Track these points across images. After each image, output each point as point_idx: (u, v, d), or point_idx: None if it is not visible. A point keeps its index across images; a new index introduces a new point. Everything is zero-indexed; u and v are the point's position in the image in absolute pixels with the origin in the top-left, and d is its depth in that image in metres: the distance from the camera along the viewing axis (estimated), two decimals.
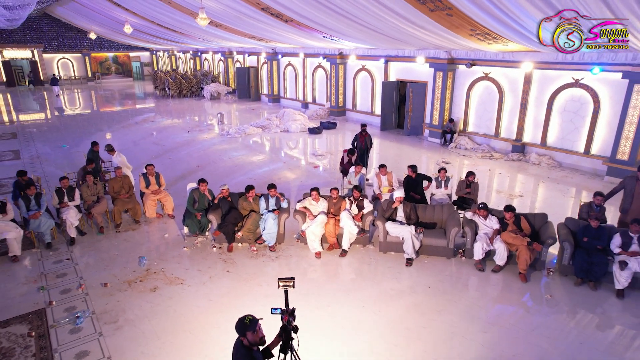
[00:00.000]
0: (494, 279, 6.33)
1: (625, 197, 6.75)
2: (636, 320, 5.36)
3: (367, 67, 17.94)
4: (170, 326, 5.19)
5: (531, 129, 12.55)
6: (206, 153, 13.91)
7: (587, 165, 11.32)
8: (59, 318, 5.30)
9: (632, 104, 9.81)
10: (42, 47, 35.59)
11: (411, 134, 16.01)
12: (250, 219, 7.01)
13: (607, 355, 4.74)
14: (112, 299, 5.75)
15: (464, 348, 4.84)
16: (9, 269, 6.48)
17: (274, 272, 6.46)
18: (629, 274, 5.64)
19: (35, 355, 4.63)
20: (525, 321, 5.34)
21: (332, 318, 5.35)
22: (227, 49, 27.63)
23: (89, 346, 4.83)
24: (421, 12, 9.26)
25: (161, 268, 6.53)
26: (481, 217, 6.69)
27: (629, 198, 6.65)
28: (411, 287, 6.11)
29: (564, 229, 6.44)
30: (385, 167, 8.47)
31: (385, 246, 6.91)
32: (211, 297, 5.81)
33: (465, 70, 13.81)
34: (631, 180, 6.70)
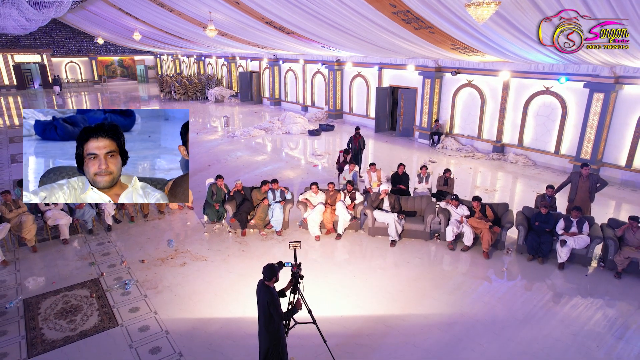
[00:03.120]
0: (462, 257, 7.68)
1: (571, 189, 8.11)
2: (571, 285, 6.72)
3: (362, 73, 19.30)
4: (199, 290, 6.53)
5: (509, 131, 13.92)
6: (214, 153, 15.23)
7: (557, 164, 12.70)
8: (111, 285, 6.63)
9: (592, 109, 11.18)
10: (51, 51, 36.89)
11: (403, 135, 17.37)
12: (260, 209, 8.35)
13: (542, 310, 6.08)
14: (150, 271, 7.09)
15: (432, 306, 6.18)
16: (62, 249, 7.82)
17: (280, 252, 7.80)
18: (568, 250, 7.00)
19: (99, 310, 5.97)
20: (484, 288, 6.69)
21: (329, 285, 6.68)
22: (231, 54, 28.96)
23: (138, 304, 6.16)
24: (407, 30, 10.61)
25: (187, 248, 7.87)
26: (453, 206, 8.03)
27: (574, 190, 8.01)
28: (394, 262, 7.46)
29: (521, 215, 7.80)
30: (375, 165, 9.83)
31: (373, 231, 8.26)
32: (230, 270, 7.15)
33: (450, 77, 15.18)
34: (576, 175, 8.06)
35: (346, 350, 5.20)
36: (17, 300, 6.16)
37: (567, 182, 8.24)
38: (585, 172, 7.89)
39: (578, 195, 7.91)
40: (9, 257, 7.46)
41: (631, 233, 6.85)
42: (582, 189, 7.96)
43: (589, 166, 7.98)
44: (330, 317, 5.80)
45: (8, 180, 11.77)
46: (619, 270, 6.85)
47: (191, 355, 5.12)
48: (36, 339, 5.38)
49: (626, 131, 11.07)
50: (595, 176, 8.00)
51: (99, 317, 5.83)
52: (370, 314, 5.98)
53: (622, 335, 5.52)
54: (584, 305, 6.18)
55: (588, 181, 7.89)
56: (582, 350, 5.24)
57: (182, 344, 5.33)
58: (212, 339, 5.43)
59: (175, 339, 5.42)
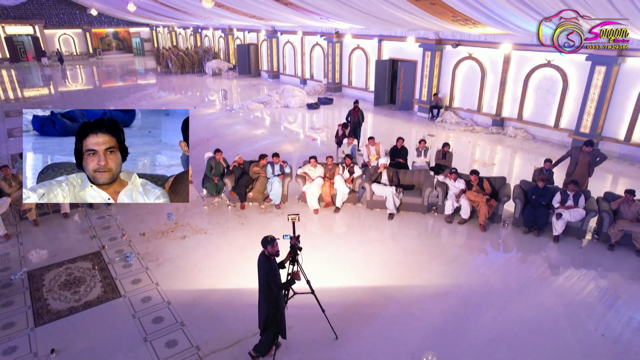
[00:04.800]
0: (459, 229, 7.79)
1: (570, 163, 8.14)
2: (565, 258, 6.85)
3: (362, 45, 18.99)
4: (200, 262, 6.64)
5: (509, 105, 13.83)
6: (213, 126, 15.15)
7: (556, 138, 12.68)
8: (113, 257, 6.74)
9: (594, 82, 11.08)
10: (43, 23, 36.12)
11: (402, 109, 17.26)
12: (259, 182, 8.39)
13: (536, 281, 6.21)
14: (150, 244, 7.18)
15: (428, 278, 6.31)
16: (63, 222, 7.89)
17: (279, 225, 7.88)
18: (563, 222, 7.09)
19: (102, 281, 6.09)
20: (480, 260, 6.82)
21: (327, 257, 6.80)
22: (228, 26, 28.39)
23: (140, 276, 6.28)
24: (408, 1, 10.38)
25: (187, 222, 7.95)
26: (451, 179, 8.07)
27: (573, 164, 8.04)
28: (391, 235, 7.56)
29: (518, 189, 7.86)
30: (374, 138, 9.82)
31: (371, 204, 8.33)
32: (230, 242, 7.25)
33: (451, 50, 14.96)
34: (576, 150, 8.06)
35: (344, 320, 5.34)
36: (22, 272, 6.27)
37: (567, 156, 8.26)
38: (587, 150, 7.88)
39: (577, 169, 7.94)
40: (11, 231, 7.54)
41: (626, 206, 6.93)
42: (582, 163, 7.99)
43: (593, 146, 7.94)
44: (328, 288, 5.93)
45: (6, 155, 11.76)
46: (612, 242, 6.96)
47: (193, 325, 5.27)
48: (42, 309, 5.51)
49: (627, 105, 11.01)
50: (596, 150, 8.02)
51: (102, 288, 5.95)
52: (368, 285, 6.11)
53: (612, 305, 5.67)
54: (576, 277, 6.32)
55: (588, 156, 7.93)
56: (573, 319, 5.39)
57: (184, 314, 5.47)
58: (213, 309, 5.57)
59: (177, 309, 5.55)
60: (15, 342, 4.99)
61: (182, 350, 4.87)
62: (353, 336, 5.09)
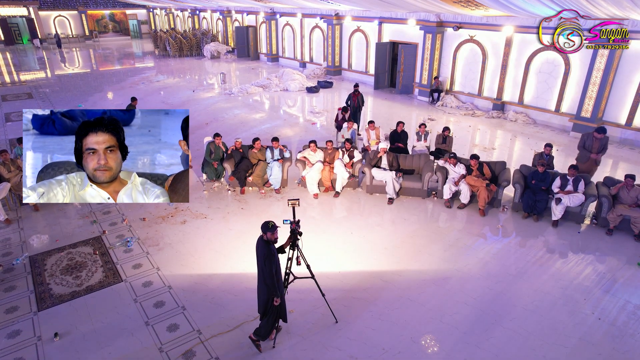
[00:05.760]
0: (458, 214, 7.81)
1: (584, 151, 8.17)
2: (564, 242, 6.88)
3: (362, 28, 18.73)
4: (200, 247, 6.67)
5: (510, 89, 13.72)
6: (211, 110, 15.06)
7: (557, 122, 12.62)
8: (114, 242, 6.77)
9: (596, 66, 10.96)
10: (38, 4, 35.52)
11: (402, 92, 17.12)
12: (259, 167, 8.37)
13: (535, 265, 6.26)
14: (151, 229, 7.21)
15: (427, 262, 6.35)
16: (64, 208, 7.90)
17: (279, 210, 7.90)
18: (562, 207, 7.11)
19: (103, 266, 6.13)
20: (479, 244, 6.85)
21: (327, 242, 6.83)
22: (226, 7, 27.94)
23: (141, 261, 6.32)
24: None
25: (187, 207, 7.96)
26: (451, 164, 8.06)
27: (588, 152, 8.08)
28: (391, 220, 7.58)
29: (518, 173, 7.85)
30: (374, 123, 9.76)
31: (371, 188, 8.33)
32: (230, 227, 7.28)
33: (452, 32, 14.76)
34: (589, 137, 8.11)
35: (344, 303, 5.40)
36: (23, 257, 6.31)
37: (583, 144, 8.25)
38: (598, 137, 7.98)
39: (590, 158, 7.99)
40: (12, 216, 7.56)
41: (626, 191, 6.94)
42: (592, 149, 8.06)
43: (604, 133, 8.01)
44: (328, 272, 5.97)
45: (4, 140, 11.70)
46: (610, 227, 6.99)
47: (194, 309, 5.32)
48: (44, 293, 5.56)
49: (629, 89, 10.92)
50: (605, 138, 8.07)
51: (104, 273, 5.99)
52: (368, 269, 6.15)
53: (609, 289, 5.72)
54: (574, 261, 6.36)
55: (598, 142, 7.97)
56: (570, 303, 5.45)
57: (185, 298, 5.52)
58: (214, 293, 5.62)
59: (178, 293, 5.60)
60: (19, 325, 5.05)
61: (183, 334, 4.94)
62: (352, 320, 5.15)
